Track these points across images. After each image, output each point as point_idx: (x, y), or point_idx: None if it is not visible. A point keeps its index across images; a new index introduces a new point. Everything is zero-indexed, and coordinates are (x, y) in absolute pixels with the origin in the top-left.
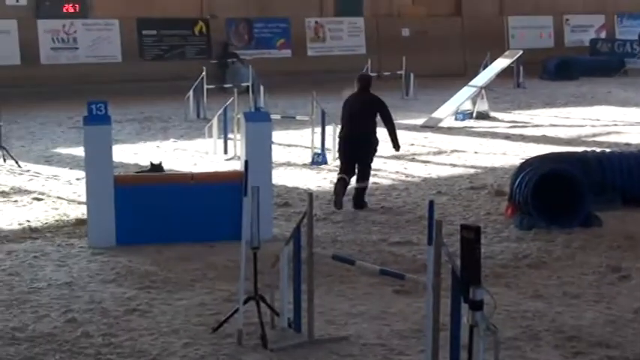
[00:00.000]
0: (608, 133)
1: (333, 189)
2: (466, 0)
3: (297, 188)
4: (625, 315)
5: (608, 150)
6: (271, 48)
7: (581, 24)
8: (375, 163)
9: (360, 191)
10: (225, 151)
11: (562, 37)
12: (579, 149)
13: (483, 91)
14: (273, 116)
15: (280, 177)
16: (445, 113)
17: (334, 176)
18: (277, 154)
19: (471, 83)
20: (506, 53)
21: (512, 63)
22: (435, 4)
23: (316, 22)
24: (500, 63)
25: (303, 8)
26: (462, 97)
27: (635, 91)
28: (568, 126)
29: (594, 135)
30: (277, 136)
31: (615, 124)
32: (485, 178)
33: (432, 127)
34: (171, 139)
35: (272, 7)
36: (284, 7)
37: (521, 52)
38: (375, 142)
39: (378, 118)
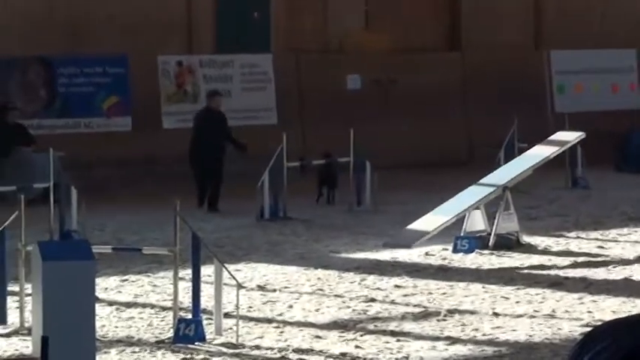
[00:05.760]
0: None
1: None
2: (470, 22)
3: None
4: None
5: None
6: (92, 115)
7: None
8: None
9: None
10: (3, 319)
11: None
12: None
13: (509, 194)
14: (97, 249)
15: None
16: (430, 225)
17: None
18: (108, 324)
19: (483, 180)
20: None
21: (563, 149)
22: (411, 29)
23: (180, 64)
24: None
25: (154, 38)
26: (464, 204)
27: None
28: None
29: None
30: (106, 287)
31: None
32: None
33: (404, 246)
34: None
35: (90, 35)
36: (114, 36)
37: (581, 134)
38: None
39: None
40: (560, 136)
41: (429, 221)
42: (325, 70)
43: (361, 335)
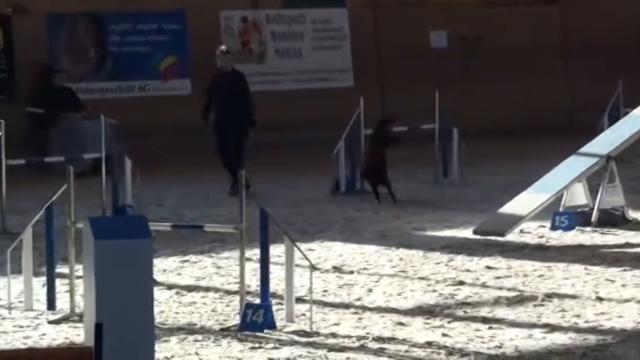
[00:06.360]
0: None
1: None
2: None
3: None
4: None
5: None
6: (147, 77)
7: None
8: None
9: None
10: (51, 305)
11: None
12: None
13: (614, 165)
14: (155, 226)
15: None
16: (527, 207)
17: (286, 354)
18: (167, 309)
19: (584, 149)
20: None
21: None
22: None
23: (244, 20)
24: None
25: None
26: (564, 179)
27: None
28: None
29: None
30: (165, 268)
31: None
32: None
33: (497, 233)
34: None
35: None
36: None
37: None
38: None
39: None
40: None
41: (525, 202)
42: (406, 25)
43: (449, 322)
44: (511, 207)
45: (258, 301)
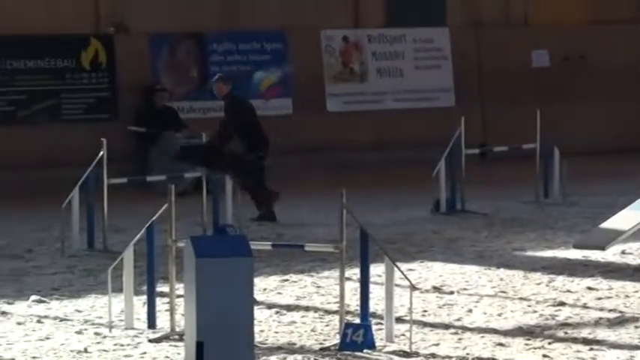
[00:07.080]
0: None
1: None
2: None
3: None
4: None
5: None
6: (249, 96)
7: None
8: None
9: None
10: (152, 323)
11: None
12: None
13: None
14: (255, 245)
15: None
16: (628, 223)
17: None
18: (267, 329)
19: None
20: None
21: None
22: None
23: (345, 40)
24: None
25: (317, 10)
26: None
27: None
28: None
29: None
30: (265, 287)
31: None
32: None
33: (597, 247)
34: (31, 298)
35: (247, 7)
36: (273, 8)
37: None
38: None
39: None
40: None
41: (626, 218)
42: (508, 45)
43: (549, 343)
44: (612, 222)
45: (357, 320)
